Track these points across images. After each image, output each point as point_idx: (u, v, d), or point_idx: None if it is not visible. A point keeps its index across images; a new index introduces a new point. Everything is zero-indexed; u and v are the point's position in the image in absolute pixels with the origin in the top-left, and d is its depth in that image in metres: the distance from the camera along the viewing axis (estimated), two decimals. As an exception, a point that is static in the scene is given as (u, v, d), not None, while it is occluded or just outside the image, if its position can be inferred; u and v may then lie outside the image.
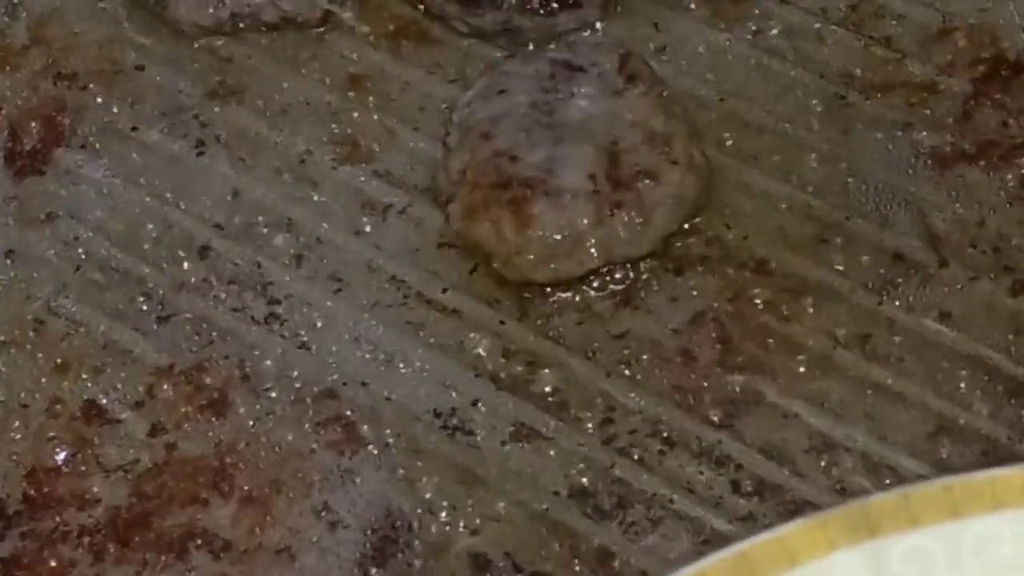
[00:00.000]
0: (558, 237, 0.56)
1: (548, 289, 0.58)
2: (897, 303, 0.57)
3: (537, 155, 0.57)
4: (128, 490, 0.55)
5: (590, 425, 0.55)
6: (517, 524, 0.54)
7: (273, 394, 0.56)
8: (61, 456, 0.55)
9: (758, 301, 0.58)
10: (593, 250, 0.57)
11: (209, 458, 0.55)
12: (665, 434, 0.55)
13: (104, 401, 0.56)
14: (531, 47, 0.62)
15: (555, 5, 0.62)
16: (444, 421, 0.56)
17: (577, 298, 0.58)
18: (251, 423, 0.56)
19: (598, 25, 0.63)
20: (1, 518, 0.54)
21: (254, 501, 0.54)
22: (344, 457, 0.55)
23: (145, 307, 0.58)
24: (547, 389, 0.56)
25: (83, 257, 0.59)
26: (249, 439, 0.55)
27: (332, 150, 0.61)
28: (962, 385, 0.56)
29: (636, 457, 0.55)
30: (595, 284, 0.58)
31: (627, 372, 0.56)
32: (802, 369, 0.56)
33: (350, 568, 0.53)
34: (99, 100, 0.62)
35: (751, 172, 0.60)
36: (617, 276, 0.58)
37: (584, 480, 0.55)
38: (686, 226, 0.59)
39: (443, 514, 0.54)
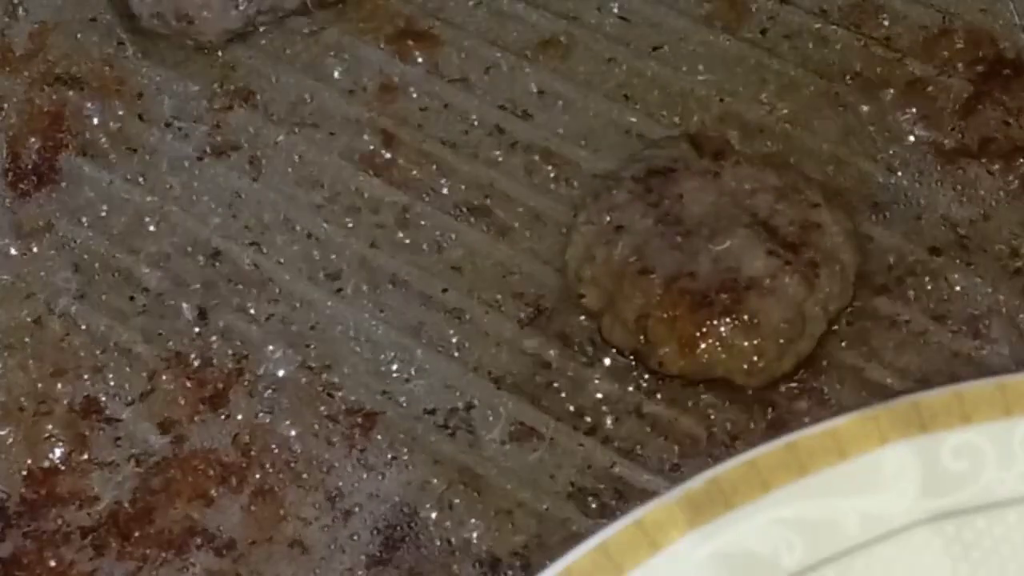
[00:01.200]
0: (786, 325, 0.54)
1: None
2: (898, 302, 0.57)
3: (706, 261, 0.55)
4: (131, 486, 0.55)
5: (590, 425, 0.55)
6: (518, 524, 0.54)
7: (274, 394, 0.56)
8: (60, 455, 0.55)
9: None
10: (818, 316, 0.55)
11: (209, 454, 0.55)
12: (664, 433, 0.55)
13: (104, 399, 0.57)
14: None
15: None
16: (444, 421, 0.56)
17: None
18: (251, 422, 0.56)
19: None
20: (1, 518, 0.54)
21: (258, 497, 0.54)
22: (345, 457, 0.55)
23: (145, 307, 0.58)
24: (547, 389, 0.56)
25: (83, 257, 0.59)
26: (250, 437, 0.55)
27: (332, 150, 0.61)
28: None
29: (636, 456, 0.55)
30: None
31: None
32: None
33: (355, 567, 0.53)
34: (100, 103, 0.62)
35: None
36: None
37: (584, 480, 0.55)
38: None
39: (445, 513, 0.54)
